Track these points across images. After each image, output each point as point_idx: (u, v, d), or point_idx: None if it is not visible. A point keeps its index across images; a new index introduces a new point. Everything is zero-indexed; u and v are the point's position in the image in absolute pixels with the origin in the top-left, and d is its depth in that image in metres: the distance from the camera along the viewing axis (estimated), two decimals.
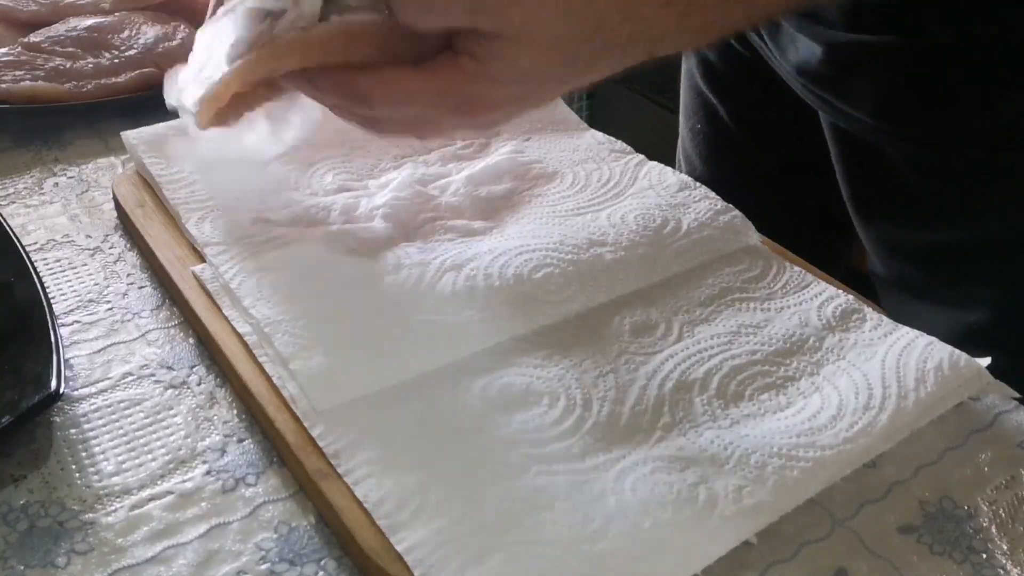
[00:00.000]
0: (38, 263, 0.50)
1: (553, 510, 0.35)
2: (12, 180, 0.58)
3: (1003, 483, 0.39)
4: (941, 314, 0.56)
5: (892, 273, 0.64)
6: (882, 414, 0.39)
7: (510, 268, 0.46)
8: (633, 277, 0.47)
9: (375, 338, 0.42)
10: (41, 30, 0.69)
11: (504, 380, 0.41)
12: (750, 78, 0.70)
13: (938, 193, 0.59)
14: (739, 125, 0.76)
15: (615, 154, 0.58)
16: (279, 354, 0.41)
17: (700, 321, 0.45)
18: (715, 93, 0.76)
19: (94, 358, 0.44)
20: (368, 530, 0.34)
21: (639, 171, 0.56)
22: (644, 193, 0.53)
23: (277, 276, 0.45)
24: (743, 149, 0.76)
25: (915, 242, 0.62)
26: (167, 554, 0.35)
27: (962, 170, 0.57)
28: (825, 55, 0.59)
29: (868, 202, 0.65)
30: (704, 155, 0.80)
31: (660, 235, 0.50)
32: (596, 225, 0.50)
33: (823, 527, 0.36)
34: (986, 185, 0.57)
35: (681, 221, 0.51)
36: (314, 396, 0.39)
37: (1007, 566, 0.35)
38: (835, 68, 0.59)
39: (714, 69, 0.75)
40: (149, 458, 0.39)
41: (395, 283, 0.45)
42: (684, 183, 0.54)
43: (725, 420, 0.39)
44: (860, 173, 0.64)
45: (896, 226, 0.63)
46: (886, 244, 0.65)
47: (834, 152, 0.65)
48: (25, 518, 0.36)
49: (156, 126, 0.57)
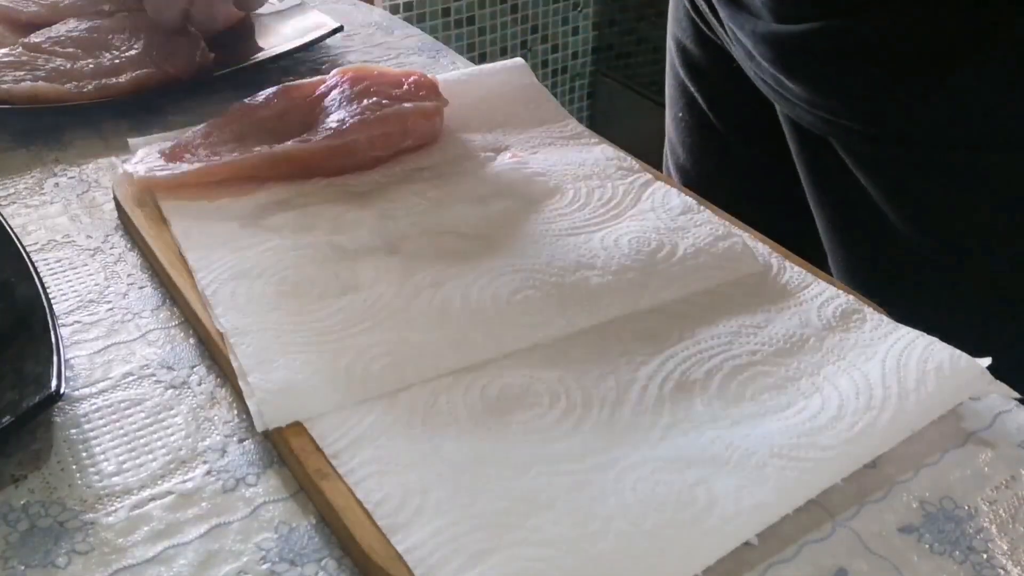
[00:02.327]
0: (39, 263, 0.50)
1: (554, 510, 0.35)
2: (13, 180, 0.58)
3: (1003, 483, 0.39)
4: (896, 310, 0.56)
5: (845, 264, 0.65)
6: (883, 414, 0.39)
7: (488, 289, 0.45)
8: (618, 303, 0.46)
9: (341, 355, 0.41)
10: (42, 30, 0.69)
11: (504, 380, 0.41)
12: (723, 65, 0.70)
13: (879, 189, 0.59)
14: (716, 113, 0.75)
15: (622, 171, 0.56)
16: (240, 366, 0.41)
17: (700, 321, 0.45)
18: (693, 81, 0.76)
19: (94, 358, 0.44)
20: (368, 530, 0.34)
21: (643, 192, 0.54)
22: (644, 215, 0.52)
23: (253, 284, 0.45)
24: (720, 137, 0.76)
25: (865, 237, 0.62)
26: (168, 554, 0.35)
27: (901, 165, 0.57)
28: (763, 40, 0.58)
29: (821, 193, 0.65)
30: (687, 143, 0.79)
31: (653, 260, 0.48)
32: (588, 247, 0.49)
33: (823, 527, 0.36)
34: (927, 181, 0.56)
35: (677, 245, 0.49)
36: (267, 413, 0.38)
37: (1007, 566, 0.35)
38: (773, 53, 0.59)
39: (692, 57, 0.75)
40: (150, 458, 0.39)
41: (369, 297, 0.45)
42: (687, 206, 0.53)
43: (726, 420, 0.39)
44: (813, 165, 0.64)
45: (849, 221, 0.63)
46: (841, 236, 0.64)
47: (790, 142, 0.65)
48: (26, 518, 0.36)
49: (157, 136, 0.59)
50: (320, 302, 0.44)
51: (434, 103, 0.58)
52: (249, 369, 0.40)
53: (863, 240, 0.63)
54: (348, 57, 0.77)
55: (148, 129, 0.64)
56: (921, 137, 0.55)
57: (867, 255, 0.63)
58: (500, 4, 2.22)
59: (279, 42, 0.74)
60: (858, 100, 0.56)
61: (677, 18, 0.76)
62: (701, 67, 0.74)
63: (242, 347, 0.41)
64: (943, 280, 0.59)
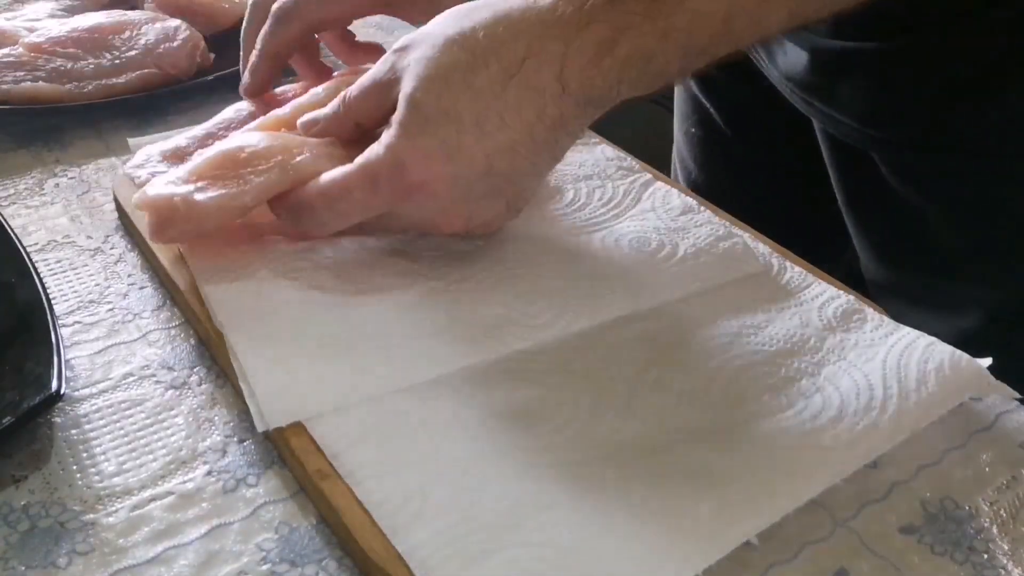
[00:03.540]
0: (39, 264, 0.50)
1: (554, 511, 0.35)
2: (13, 181, 0.58)
3: (1004, 483, 0.39)
4: (935, 319, 0.56)
5: (885, 278, 0.64)
6: (883, 415, 0.39)
7: (492, 293, 0.45)
8: (619, 304, 0.46)
9: (344, 357, 0.41)
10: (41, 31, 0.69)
11: (506, 381, 0.41)
12: (743, 82, 0.69)
13: (923, 198, 0.59)
14: (732, 129, 0.75)
15: (622, 171, 0.56)
16: (241, 366, 0.41)
17: (701, 322, 0.45)
18: (709, 97, 0.76)
19: (95, 359, 0.44)
20: (369, 531, 0.34)
21: (643, 192, 0.54)
22: (645, 215, 0.52)
23: (253, 284, 0.45)
24: (737, 153, 0.76)
25: (906, 246, 0.62)
26: (168, 555, 0.35)
27: (945, 175, 0.57)
28: (811, 61, 0.58)
29: (860, 207, 0.65)
30: (699, 159, 0.79)
31: (653, 260, 0.48)
32: (589, 248, 0.49)
33: (824, 527, 0.36)
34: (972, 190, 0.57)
35: (678, 246, 0.49)
36: (268, 413, 0.38)
37: (1008, 566, 0.35)
38: (821, 73, 0.59)
39: (708, 73, 0.75)
40: (150, 459, 0.39)
41: (371, 298, 0.45)
42: (688, 206, 0.53)
43: (726, 421, 0.39)
44: (852, 178, 0.64)
45: (887, 230, 0.63)
46: (878, 248, 0.64)
47: (827, 157, 0.65)
48: (26, 519, 0.36)
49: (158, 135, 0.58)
50: (321, 302, 0.44)
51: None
52: (250, 369, 0.40)
53: (903, 254, 0.63)
54: None
55: (148, 129, 0.64)
56: (968, 148, 0.55)
57: (907, 268, 0.63)
58: None
59: None
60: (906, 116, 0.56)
61: None
62: (718, 83, 0.74)
63: (242, 347, 0.41)
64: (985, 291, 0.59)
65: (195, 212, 0.44)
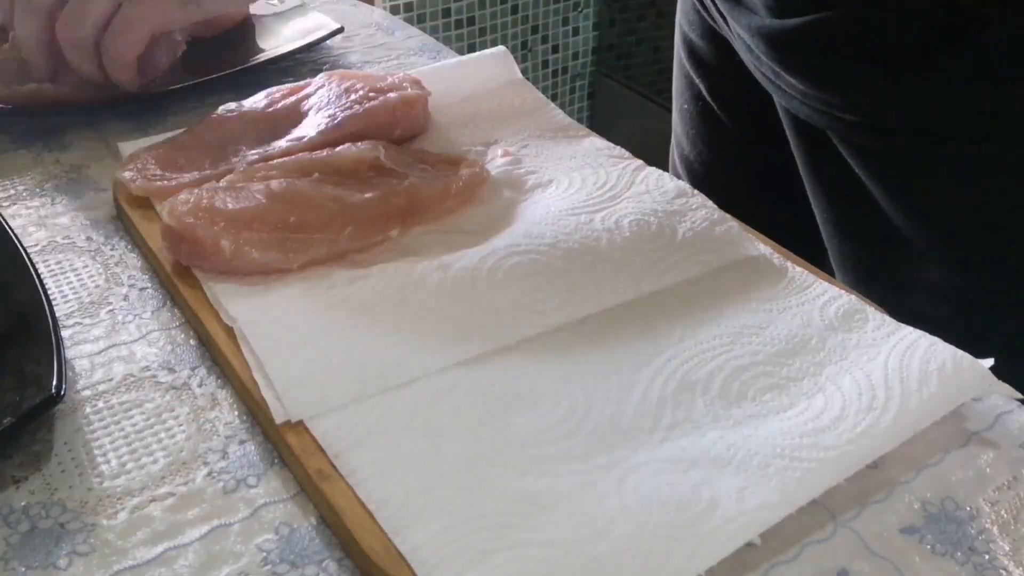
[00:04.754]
0: (39, 265, 0.50)
1: (556, 511, 0.35)
2: (13, 181, 0.58)
3: (1005, 484, 0.39)
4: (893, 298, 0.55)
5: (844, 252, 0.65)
6: (885, 415, 0.39)
7: (496, 272, 0.46)
8: (622, 288, 0.46)
9: (354, 345, 0.42)
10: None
11: (507, 380, 0.41)
12: (727, 59, 0.70)
13: (873, 177, 0.59)
14: (720, 105, 0.76)
15: (613, 159, 0.57)
16: (256, 358, 0.41)
17: (702, 321, 0.45)
18: (697, 72, 0.76)
19: (95, 359, 0.44)
20: (370, 531, 0.34)
21: (636, 176, 0.55)
22: (640, 197, 0.52)
23: (253, 280, 0.45)
24: (725, 129, 0.77)
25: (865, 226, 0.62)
26: (168, 555, 0.35)
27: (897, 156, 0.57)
28: (757, 39, 0.59)
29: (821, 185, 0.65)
30: (690, 135, 0.80)
31: (655, 244, 0.49)
32: (590, 227, 0.49)
33: (825, 528, 0.36)
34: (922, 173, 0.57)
35: (676, 230, 0.50)
36: (289, 405, 0.38)
37: (1009, 567, 0.35)
38: (767, 51, 0.59)
39: (698, 50, 0.75)
40: (150, 460, 0.39)
41: (378, 284, 0.45)
42: (681, 190, 0.53)
43: (728, 421, 0.39)
44: (813, 157, 0.65)
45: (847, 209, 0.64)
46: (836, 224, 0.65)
47: (790, 136, 0.66)
48: (26, 519, 0.36)
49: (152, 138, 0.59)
50: (329, 292, 0.45)
51: (416, 92, 0.59)
52: (266, 360, 0.40)
53: (862, 232, 0.63)
54: (349, 58, 0.77)
55: (148, 129, 0.64)
56: (913, 128, 0.55)
57: (865, 246, 0.64)
58: (500, 4, 2.22)
59: (280, 43, 0.74)
60: (851, 91, 0.56)
61: (685, 11, 0.77)
62: (706, 60, 0.75)
63: (256, 338, 0.41)
64: (941, 273, 0.59)
65: (237, 260, 0.45)
